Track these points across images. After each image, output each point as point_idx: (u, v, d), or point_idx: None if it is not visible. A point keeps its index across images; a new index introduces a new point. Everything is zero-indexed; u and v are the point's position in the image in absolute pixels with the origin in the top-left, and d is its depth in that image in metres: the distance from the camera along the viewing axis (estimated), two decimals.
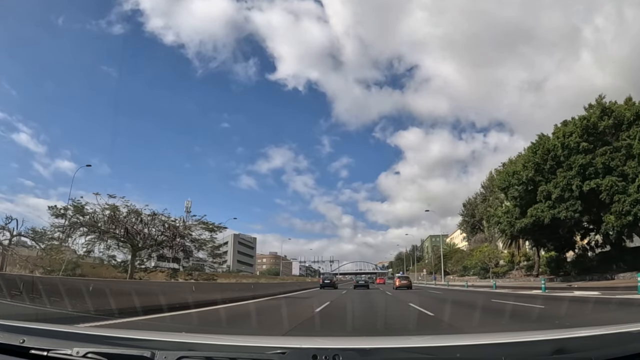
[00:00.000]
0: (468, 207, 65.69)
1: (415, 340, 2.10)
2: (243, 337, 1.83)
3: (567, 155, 23.22)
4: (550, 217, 23.61)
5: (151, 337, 1.50)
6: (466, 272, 48.94)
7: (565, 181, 22.68)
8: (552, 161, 24.11)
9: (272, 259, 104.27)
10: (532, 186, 25.32)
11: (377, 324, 6.88)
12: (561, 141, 23.48)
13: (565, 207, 22.94)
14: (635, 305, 9.23)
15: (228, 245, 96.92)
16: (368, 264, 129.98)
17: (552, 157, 24.01)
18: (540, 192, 24.18)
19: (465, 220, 66.43)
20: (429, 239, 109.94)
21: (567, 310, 8.35)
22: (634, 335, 1.44)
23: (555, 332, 1.67)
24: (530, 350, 1.40)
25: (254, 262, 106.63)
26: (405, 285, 27.65)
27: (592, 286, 18.88)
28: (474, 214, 63.09)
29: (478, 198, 63.34)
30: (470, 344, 1.49)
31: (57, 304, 5.30)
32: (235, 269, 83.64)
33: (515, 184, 26.44)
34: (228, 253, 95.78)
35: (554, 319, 6.88)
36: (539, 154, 24.85)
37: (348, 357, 1.25)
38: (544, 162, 24.57)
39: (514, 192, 26.77)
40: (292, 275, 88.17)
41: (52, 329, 1.56)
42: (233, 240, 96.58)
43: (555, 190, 23.12)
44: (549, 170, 24.46)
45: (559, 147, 23.55)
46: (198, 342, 1.46)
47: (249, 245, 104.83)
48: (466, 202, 66.81)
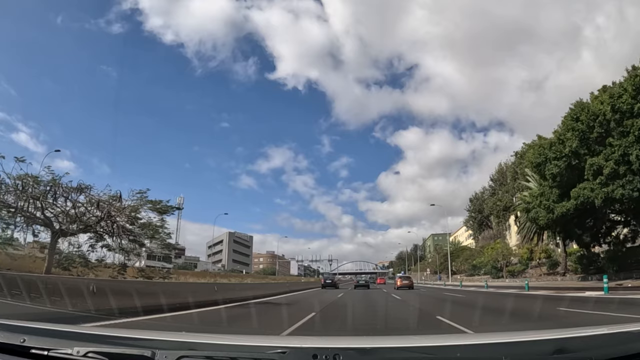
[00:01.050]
0: (475, 202, 64.89)
1: (415, 339, 2.17)
2: (243, 337, 1.90)
3: (619, 120, 19.24)
4: (603, 196, 19.49)
5: (152, 336, 1.57)
6: (475, 272, 47.89)
7: (621, 151, 18.84)
8: (601, 128, 19.96)
9: (270, 258, 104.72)
10: (576, 160, 21.15)
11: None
12: (611, 103, 19.34)
13: (621, 184, 18.93)
14: None
15: (223, 244, 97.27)
16: (368, 263, 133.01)
17: (600, 123, 19.85)
18: (589, 166, 20.06)
19: (472, 217, 65.61)
20: (430, 238, 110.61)
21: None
22: (635, 335, 1.50)
23: (555, 331, 1.73)
24: (530, 349, 1.46)
25: (250, 262, 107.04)
26: (407, 286, 28.57)
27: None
28: (481, 210, 62.50)
29: (486, 193, 62.81)
30: (471, 343, 1.55)
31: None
32: (230, 268, 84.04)
33: (553, 159, 22.04)
34: (223, 252, 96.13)
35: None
36: (583, 120, 20.58)
37: (348, 356, 1.31)
38: (590, 130, 20.37)
39: (552, 169, 22.07)
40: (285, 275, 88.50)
41: (52, 328, 1.63)
42: (228, 239, 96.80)
43: (608, 164, 19.19)
44: (596, 140, 20.44)
45: (608, 110, 19.42)
46: (198, 342, 1.52)
47: (245, 244, 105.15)
48: (473, 198, 66.07)
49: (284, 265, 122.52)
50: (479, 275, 45.17)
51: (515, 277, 37.20)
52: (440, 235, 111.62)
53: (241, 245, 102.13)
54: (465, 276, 50.71)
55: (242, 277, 44.77)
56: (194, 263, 74.56)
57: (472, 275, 48.49)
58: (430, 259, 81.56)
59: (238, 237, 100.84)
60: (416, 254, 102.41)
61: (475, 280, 43.49)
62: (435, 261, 69.32)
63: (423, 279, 67.70)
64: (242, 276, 52.19)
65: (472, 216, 65.67)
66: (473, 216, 65.38)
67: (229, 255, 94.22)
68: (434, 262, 70.65)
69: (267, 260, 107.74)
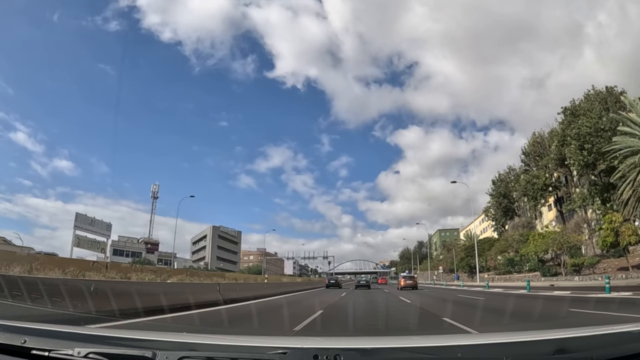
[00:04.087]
0: (499, 185, 59.88)
1: (416, 340, 2.40)
2: (244, 337, 2.12)
3: None
4: None
5: (152, 337, 1.77)
6: (514, 268, 41.41)
7: None
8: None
9: (260, 256, 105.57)
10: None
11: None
12: None
13: None
14: None
15: (207, 239, 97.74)
16: (368, 262, 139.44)
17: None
18: None
19: (497, 202, 60.21)
20: (437, 234, 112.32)
21: None
22: (635, 334, 1.69)
23: (556, 331, 1.93)
24: (531, 350, 1.65)
25: (238, 259, 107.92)
26: (411, 286, 30.41)
27: None
28: (507, 193, 57.94)
29: (511, 173, 57.35)
30: (472, 343, 1.77)
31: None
32: (214, 266, 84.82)
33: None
34: (206, 248, 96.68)
35: None
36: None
37: (349, 357, 1.50)
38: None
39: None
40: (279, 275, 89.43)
41: (53, 329, 1.83)
42: (212, 234, 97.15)
43: None
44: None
45: None
46: (199, 342, 1.72)
47: (232, 240, 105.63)
48: (496, 179, 60.94)
49: (277, 264, 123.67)
50: (519, 273, 39.04)
51: (579, 272, 29.70)
52: (448, 230, 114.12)
53: (227, 241, 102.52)
54: (494, 274, 45.99)
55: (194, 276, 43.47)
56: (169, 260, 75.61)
57: (509, 272, 42.26)
58: (441, 256, 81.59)
59: (224, 232, 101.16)
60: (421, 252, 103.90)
61: (514, 279, 37.52)
62: (448, 258, 66.96)
63: (434, 278, 66.20)
64: (199, 275, 52.03)
65: (497, 201, 60.23)
66: (498, 201, 60.01)
67: (212, 252, 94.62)
68: (448, 258, 68.26)
69: (258, 258, 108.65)
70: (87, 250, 52.48)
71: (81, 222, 50.53)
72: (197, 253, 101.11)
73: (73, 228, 49.26)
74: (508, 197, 58.73)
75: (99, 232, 53.87)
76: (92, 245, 53.27)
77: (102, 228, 54.52)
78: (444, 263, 70.25)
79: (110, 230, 56.22)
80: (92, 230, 52.65)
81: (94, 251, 53.07)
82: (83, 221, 51.06)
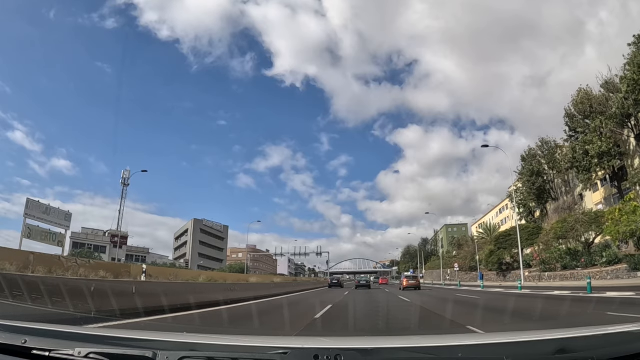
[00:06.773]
0: (529, 161, 54.58)
1: (417, 340, 2.62)
2: (244, 337, 2.34)
3: None
4: None
5: (153, 337, 1.98)
6: (578, 262, 33.38)
7: None
8: None
9: (250, 253, 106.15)
10: None
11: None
12: None
13: None
14: None
15: (188, 234, 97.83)
16: (368, 261, 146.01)
17: None
18: None
19: (529, 181, 54.15)
20: (444, 229, 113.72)
21: None
22: (635, 334, 1.89)
23: (557, 331, 2.13)
24: (532, 350, 1.84)
25: (224, 257, 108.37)
26: (413, 286, 32.67)
27: None
28: (541, 171, 53.34)
29: (544, 147, 53.14)
30: (473, 343, 1.98)
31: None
32: (195, 264, 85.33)
33: None
34: (188, 244, 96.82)
35: None
36: None
37: (350, 357, 1.68)
38: None
39: None
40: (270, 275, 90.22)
41: (54, 329, 2.04)
42: (193, 228, 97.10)
43: None
44: None
45: None
46: (200, 342, 1.93)
47: (217, 235, 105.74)
48: (527, 155, 55.49)
49: (269, 262, 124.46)
50: (584, 268, 31.76)
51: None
52: (455, 226, 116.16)
53: (211, 237, 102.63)
54: (540, 271, 37.79)
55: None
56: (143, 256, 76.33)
57: (565, 269, 34.47)
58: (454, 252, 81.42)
59: (207, 225, 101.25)
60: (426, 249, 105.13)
61: (578, 277, 30.76)
62: (467, 253, 63.45)
63: (447, 278, 62.85)
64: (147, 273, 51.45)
65: (529, 180, 54.07)
66: (530, 180, 53.92)
67: (193, 248, 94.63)
68: (467, 254, 64.23)
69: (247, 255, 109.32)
70: (41, 244, 49.75)
71: (33, 209, 46.68)
72: (179, 249, 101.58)
73: (23, 216, 46.00)
74: (542, 176, 54.31)
75: (55, 223, 50.29)
76: (46, 237, 49.98)
77: (59, 217, 50.82)
78: (459, 260, 65.24)
79: (69, 220, 52.56)
80: (47, 220, 49.12)
81: (49, 244, 49.79)
82: (36, 208, 46.98)
